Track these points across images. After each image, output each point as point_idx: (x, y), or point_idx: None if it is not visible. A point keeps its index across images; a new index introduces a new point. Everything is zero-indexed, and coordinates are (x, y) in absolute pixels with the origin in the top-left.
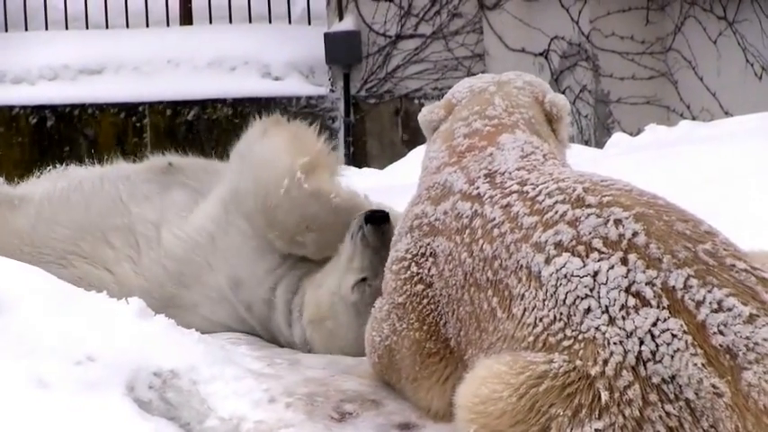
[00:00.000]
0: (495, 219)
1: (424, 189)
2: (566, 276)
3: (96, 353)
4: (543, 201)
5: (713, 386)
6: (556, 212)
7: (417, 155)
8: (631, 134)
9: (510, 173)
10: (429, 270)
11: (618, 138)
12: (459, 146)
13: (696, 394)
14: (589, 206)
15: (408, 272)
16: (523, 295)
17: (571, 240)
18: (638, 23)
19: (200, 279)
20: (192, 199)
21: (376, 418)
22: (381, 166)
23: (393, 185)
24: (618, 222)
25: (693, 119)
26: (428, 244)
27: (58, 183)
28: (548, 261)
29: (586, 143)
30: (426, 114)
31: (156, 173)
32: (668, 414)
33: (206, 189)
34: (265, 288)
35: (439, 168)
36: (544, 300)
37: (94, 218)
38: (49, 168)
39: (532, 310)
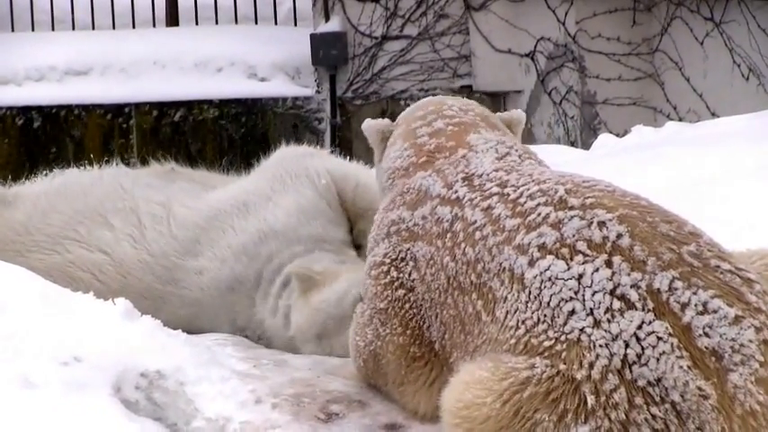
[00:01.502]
0: (476, 221)
1: (398, 194)
2: (550, 279)
3: (83, 353)
4: (525, 203)
5: (699, 388)
6: (538, 215)
7: None
8: (618, 135)
9: (488, 175)
10: (409, 274)
11: (604, 139)
12: (427, 144)
13: (682, 397)
14: (572, 208)
15: (388, 277)
16: (506, 298)
17: (555, 243)
18: (625, 25)
19: (216, 243)
20: (201, 190)
21: (362, 419)
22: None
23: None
24: (602, 224)
25: (680, 120)
26: (408, 249)
27: (55, 180)
28: (531, 263)
29: (573, 144)
30: (372, 121)
31: (158, 175)
32: (654, 417)
33: (214, 184)
34: (303, 248)
35: (408, 169)
36: (527, 302)
37: (93, 203)
38: (45, 172)
39: (515, 312)
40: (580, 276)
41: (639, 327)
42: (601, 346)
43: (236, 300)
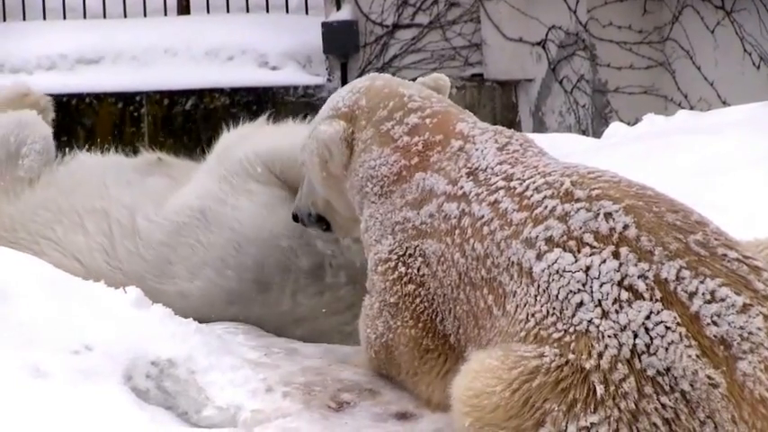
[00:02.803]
0: (483, 216)
1: (398, 197)
2: (558, 272)
3: (94, 342)
4: (531, 196)
5: (708, 377)
6: (545, 207)
7: None
8: (629, 124)
9: (492, 168)
10: (419, 270)
11: (615, 127)
12: (412, 145)
13: (691, 386)
14: (578, 200)
15: (396, 272)
16: (516, 292)
17: (562, 235)
18: (636, 13)
19: (189, 261)
20: (169, 188)
21: (373, 408)
22: None
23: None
24: (608, 216)
25: (691, 108)
26: (416, 246)
27: (59, 170)
28: (539, 257)
29: (584, 133)
30: (331, 131)
31: (144, 163)
32: (664, 406)
33: (184, 180)
34: (286, 239)
35: (401, 173)
36: (536, 295)
37: (75, 200)
38: (61, 156)
39: (525, 305)
40: (588, 268)
41: (648, 317)
42: (609, 336)
43: (237, 310)
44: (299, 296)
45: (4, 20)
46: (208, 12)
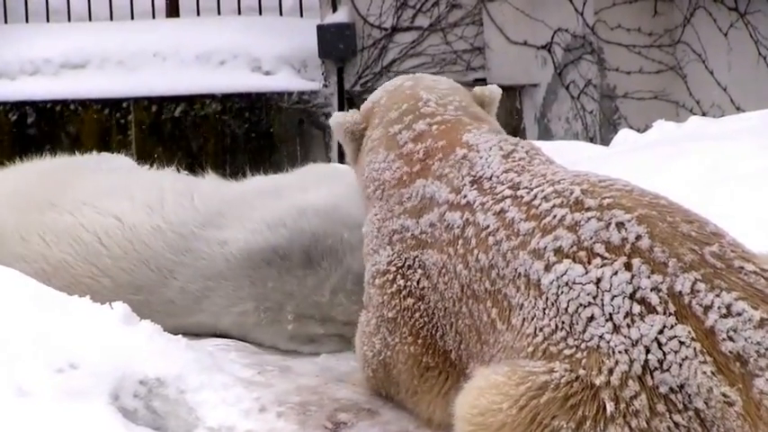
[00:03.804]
0: (489, 226)
1: (396, 203)
2: (567, 284)
3: (79, 360)
4: (540, 205)
5: (724, 395)
6: (554, 217)
7: None
8: (638, 130)
9: (497, 177)
10: (418, 282)
11: (624, 134)
12: (415, 153)
13: (706, 404)
14: (589, 209)
15: (395, 285)
16: (522, 305)
17: (572, 246)
18: (646, 15)
19: (245, 216)
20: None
21: (371, 429)
22: None
23: None
24: (620, 225)
25: (703, 114)
26: (415, 257)
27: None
28: (547, 268)
29: (591, 140)
30: (340, 118)
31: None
32: (677, 425)
33: None
34: (349, 230)
35: (401, 179)
36: (544, 309)
37: (129, 181)
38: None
39: (532, 319)
40: (598, 280)
41: (661, 331)
42: (620, 351)
43: (271, 274)
44: (339, 295)
45: None
46: (198, 14)
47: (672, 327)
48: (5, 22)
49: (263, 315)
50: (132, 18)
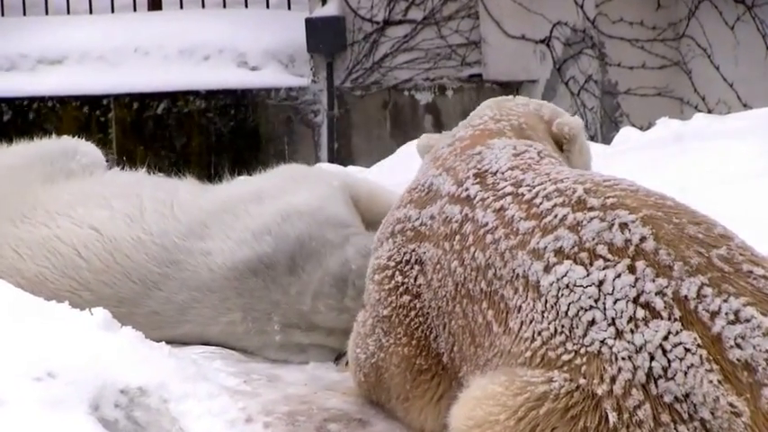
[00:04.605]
0: (487, 223)
1: (406, 192)
2: (567, 286)
3: (57, 369)
4: (541, 204)
5: (731, 405)
6: (555, 216)
7: (407, 151)
8: (641, 128)
9: (502, 173)
10: (415, 279)
11: (627, 132)
12: (441, 157)
13: (712, 414)
14: (591, 209)
15: (392, 281)
16: (520, 307)
17: (573, 247)
18: (649, 8)
19: (229, 226)
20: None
21: None
22: (368, 164)
23: (381, 184)
24: (624, 226)
25: (709, 112)
26: (413, 250)
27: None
28: (547, 269)
29: (592, 138)
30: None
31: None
32: None
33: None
34: (332, 230)
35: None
36: (543, 312)
37: (106, 189)
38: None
39: (530, 323)
40: (600, 283)
41: (665, 338)
42: (623, 358)
43: (257, 284)
44: (319, 302)
45: None
46: (181, 7)
47: (677, 333)
48: None
49: (252, 325)
50: (113, 11)
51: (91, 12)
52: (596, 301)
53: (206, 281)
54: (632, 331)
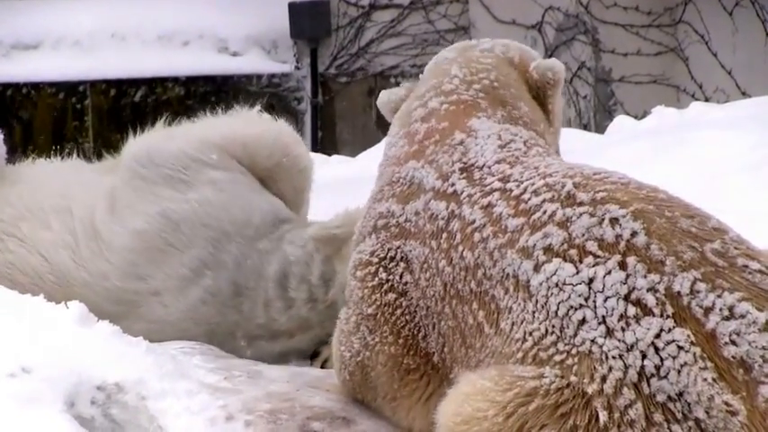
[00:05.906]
0: (475, 221)
1: (386, 184)
2: (557, 285)
3: (32, 364)
4: (529, 200)
5: (726, 403)
6: (544, 212)
7: None
8: (636, 117)
9: (489, 167)
10: (401, 277)
11: (621, 121)
12: (417, 132)
13: (707, 413)
14: (581, 204)
15: (376, 278)
16: (511, 308)
17: (562, 244)
18: None
19: (161, 264)
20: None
21: None
22: (353, 153)
23: (366, 175)
24: (614, 221)
25: (706, 100)
26: (398, 247)
27: (23, 170)
28: (537, 268)
29: (585, 127)
30: (384, 96)
31: (103, 167)
32: None
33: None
34: (267, 235)
35: (399, 158)
36: (534, 312)
37: (40, 197)
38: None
39: (521, 323)
40: (590, 280)
41: (658, 335)
42: (614, 357)
43: (210, 312)
44: (271, 309)
45: None
46: None
47: (670, 330)
48: None
49: (220, 345)
50: None
51: None
52: (586, 299)
53: (161, 315)
54: (623, 329)
